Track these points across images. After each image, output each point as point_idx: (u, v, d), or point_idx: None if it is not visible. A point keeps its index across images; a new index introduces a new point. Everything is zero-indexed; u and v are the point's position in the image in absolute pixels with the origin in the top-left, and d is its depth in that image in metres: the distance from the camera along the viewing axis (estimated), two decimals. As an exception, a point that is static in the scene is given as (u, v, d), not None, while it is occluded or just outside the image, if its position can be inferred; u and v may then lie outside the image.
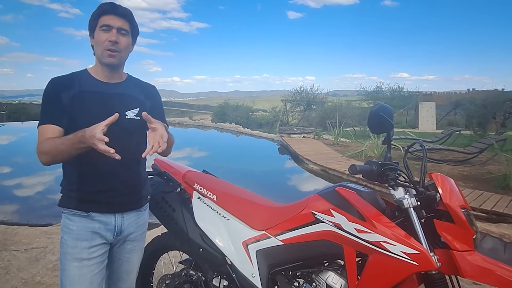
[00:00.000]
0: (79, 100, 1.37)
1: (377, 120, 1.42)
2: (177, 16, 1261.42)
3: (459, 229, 1.26)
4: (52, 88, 1.38)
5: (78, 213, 1.41)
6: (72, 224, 1.41)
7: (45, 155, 1.31)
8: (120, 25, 1.38)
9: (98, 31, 1.37)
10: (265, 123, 18.20)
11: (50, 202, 5.40)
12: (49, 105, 1.36)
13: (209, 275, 1.79)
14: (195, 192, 1.84)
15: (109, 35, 1.36)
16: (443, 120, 18.57)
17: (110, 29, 1.36)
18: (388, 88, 20.95)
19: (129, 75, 1.53)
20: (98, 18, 1.38)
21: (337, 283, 1.47)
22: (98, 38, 1.38)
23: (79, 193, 1.39)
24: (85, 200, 1.40)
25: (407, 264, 1.25)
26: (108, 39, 1.36)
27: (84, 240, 1.40)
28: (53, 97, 1.36)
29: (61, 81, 1.39)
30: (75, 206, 1.40)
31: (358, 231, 1.35)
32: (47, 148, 1.30)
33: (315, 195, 1.56)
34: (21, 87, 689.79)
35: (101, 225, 1.43)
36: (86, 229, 1.40)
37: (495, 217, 4.56)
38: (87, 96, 1.39)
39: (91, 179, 1.38)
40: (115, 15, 1.38)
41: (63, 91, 1.36)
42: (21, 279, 2.68)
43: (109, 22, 1.36)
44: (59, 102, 1.35)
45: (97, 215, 1.42)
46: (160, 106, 1.61)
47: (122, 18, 1.39)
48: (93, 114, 1.36)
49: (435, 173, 1.37)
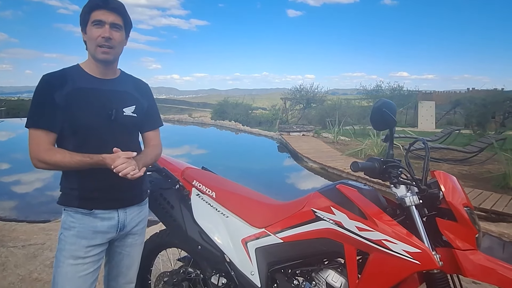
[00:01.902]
0: (75, 97, 1.33)
1: (380, 116, 1.40)
2: (176, 13, 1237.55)
3: (461, 227, 1.25)
4: (46, 87, 1.33)
5: (80, 211, 1.39)
6: (74, 222, 1.39)
7: (47, 164, 1.30)
8: (113, 20, 1.35)
9: (90, 27, 1.34)
10: (265, 121, 18.18)
11: (48, 199, 5.38)
12: (42, 107, 1.32)
13: (207, 273, 1.78)
14: (194, 189, 1.82)
15: (102, 31, 1.33)
16: (442, 119, 18.58)
17: (103, 25, 1.33)
18: (388, 87, 20.94)
19: (122, 71, 1.51)
20: (90, 13, 1.34)
21: (337, 281, 1.46)
22: (90, 34, 1.34)
23: (81, 191, 1.38)
24: (88, 197, 1.39)
25: (408, 263, 1.24)
26: (101, 35, 1.33)
27: (84, 239, 1.39)
28: (46, 98, 1.31)
29: (54, 78, 1.35)
30: (77, 204, 1.38)
31: (359, 229, 1.33)
32: (54, 160, 1.29)
33: (316, 193, 1.54)
34: (20, 84, 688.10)
35: (104, 223, 1.42)
36: (88, 228, 1.39)
37: (494, 216, 4.56)
38: (83, 93, 1.35)
39: (92, 176, 1.36)
40: (107, 10, 1.34)
41: (57, 90, 1.31)
42: (18, 276, 2.66)
43: (101, 17, 1.33)
44: (53, 103, 1.30)
45: (100, 212, 1.41)
46: (155, 104, 1.62)
47: (115, 13, 1.36)
48: (91, 111, 1.35)
49: (437, 171, 1.36)
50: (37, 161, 1.31)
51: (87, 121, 1.34)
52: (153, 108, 1.59)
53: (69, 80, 1.35)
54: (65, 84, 1.33)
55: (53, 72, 1.38)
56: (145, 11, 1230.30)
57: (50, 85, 1.33)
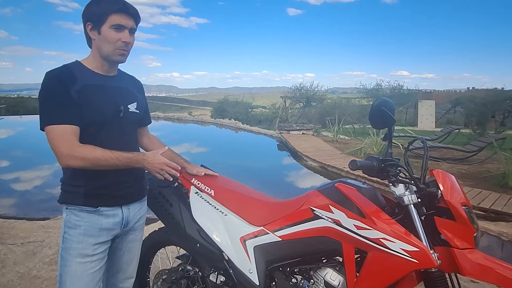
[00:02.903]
0: (86, 94, 1.33)
1: (378, 115, 1.40)
2: (176, 11, 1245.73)
3: (460, 226, 1.25)
4: (57, 83, 1.30)
5: (85, 209, 1.39)
6: (79, 220, 1.38)
7: (84, 161, 1.27)
8: (132, 25, 1.38)
9: (108, 29, 1.33)
10: (265, 120, 18.18)
11: (48, 196, 5.39)
12: (60, 102, 1.29)
13: (206, 271, 1.78)
14: (193, 187, 1.82)
15: (123, 35, 1.35)
16: (442, 118, 18.57)
17: (123, 29, 1.35)
18: (388, 85, 20.96)
19: (118, 68, 1.51)
20: (108, 15, 1.32)
21: (336, 280, 1.46)
22: (108, 36, 1.33)
23: (87, 188, 1.37)
24: (94, 195, 1.39)
25: (406, 262, 1.24)
26: (121, 39, 1.34)
27: (91, 237, 1.39)
28: (61, 93, 1.29)
29: (63, 74, 1.33)
30: (83, 202, 1.38)
31: (357, 228, 1.33)
32: (93, 156, 1.27)
33: (314, 191, 1.54)
34: (20, 81, 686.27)
35: (109, 220, 1.42)
36: (94, 226, 1.39)
37: (493, 215, 4.57)
38: (93, 89, 1.35)
39: (98, 173, 1.36)
40: (127, 15, 1.35)
41: (69, 86, 1.30)
42: (17, 273, 2.67)
43: (122, 22, 1.34)
44: (69, 98, 1.29)
45: (105, 210, 1.41)
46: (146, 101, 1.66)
47: (133, 18, 1.38)
48: (99, 107, 1.36)
49: (436, 170, 1.35)
50: (72, 158, 1.27)
51: (100, 117, 1.36)
52: (147, 104, 1.65)
53: (76, 77, 1.33)
54: (75, 80, 1.32)
55: (57, 68, 1.36)
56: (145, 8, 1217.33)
57: (61, 81, 1.30)
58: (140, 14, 1.42)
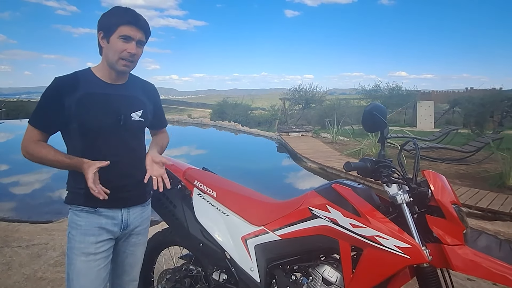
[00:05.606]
0: (86, 102, 1.38)
1: (371, 119, 1.47)
2: (174, 14, 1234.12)
3: (450, 224, 1.31)
4: (54, 92, 1.38)
5: (85, 209, 1.45)
6: (79, 220, 1.45)
7: (32, 157, 1.40)
8: (140, 37, 1.40)
9: (117, 39, 1.37)
10: (264, 121, 18.23)
11: (50, 200, 5.44)
12: (46, 109, 1.38)
13: (208, 270, 1.83)
14: (195, 189, 1.88)
15: (129, 46, 1.37)
16: (441, 118, 18.61)
17: (130, 41, 1.37)
18: (387, 86, 20.97)
19: (130, 74, 1.55)
20: (118, 25, 1.36)
21: (333, 276, 1.52)
22: (115, 46, 1.37)
23: (87, 190, 1.41)
24: (93, 196, 1.42)
25: (399, 258, 1.30)
26: (127, 50, 1.37)
27: (92, 235, 1.44)
28: (51, 102, 1.37)
29: (65, 82, 1.39)
30: (83, 202, 1.44)
31: (353, 226, 1.39)
32: (38, 155, 1.38)
33: (312, 192, 1.60)
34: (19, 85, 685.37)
35: (108, 220, 1.47)
36: (93, 225, 1.45)
37: (490, 215, 4.63)
38: (94, 97, 1.40)
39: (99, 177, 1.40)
40: (136, 27, 1.38)
41: (66, 95, 1.37)
42: (23, 275, 2.72)
43: (130, 33, 1.36)
44: (57, 108, 1.36)
45: (104, 210, 1.46)
46: (160, 105, 1.68)
47: (142, 30, 1.40)
48: (101, 115, 1.40)
49: (427, 170, 1.42)
50: (25, 152, 1.41)
51: (97, 125, 1.40)
52: (159, 109, 1.66)
53: (80, 84, 1.39)
54: (76, 88, 1.38)
55: (66, 75, 1.42)
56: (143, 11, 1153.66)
57: (58, 91, 1.38)
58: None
